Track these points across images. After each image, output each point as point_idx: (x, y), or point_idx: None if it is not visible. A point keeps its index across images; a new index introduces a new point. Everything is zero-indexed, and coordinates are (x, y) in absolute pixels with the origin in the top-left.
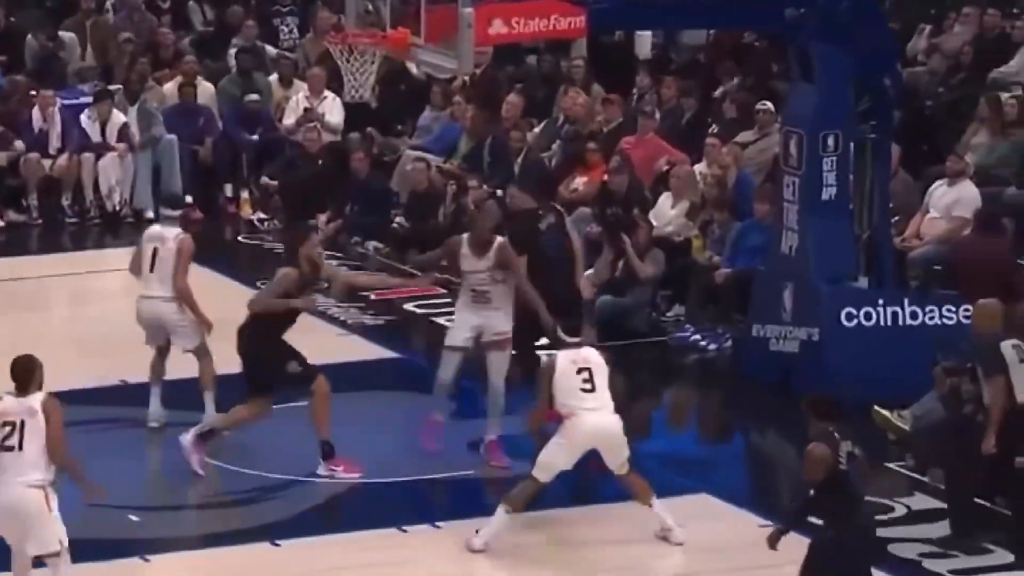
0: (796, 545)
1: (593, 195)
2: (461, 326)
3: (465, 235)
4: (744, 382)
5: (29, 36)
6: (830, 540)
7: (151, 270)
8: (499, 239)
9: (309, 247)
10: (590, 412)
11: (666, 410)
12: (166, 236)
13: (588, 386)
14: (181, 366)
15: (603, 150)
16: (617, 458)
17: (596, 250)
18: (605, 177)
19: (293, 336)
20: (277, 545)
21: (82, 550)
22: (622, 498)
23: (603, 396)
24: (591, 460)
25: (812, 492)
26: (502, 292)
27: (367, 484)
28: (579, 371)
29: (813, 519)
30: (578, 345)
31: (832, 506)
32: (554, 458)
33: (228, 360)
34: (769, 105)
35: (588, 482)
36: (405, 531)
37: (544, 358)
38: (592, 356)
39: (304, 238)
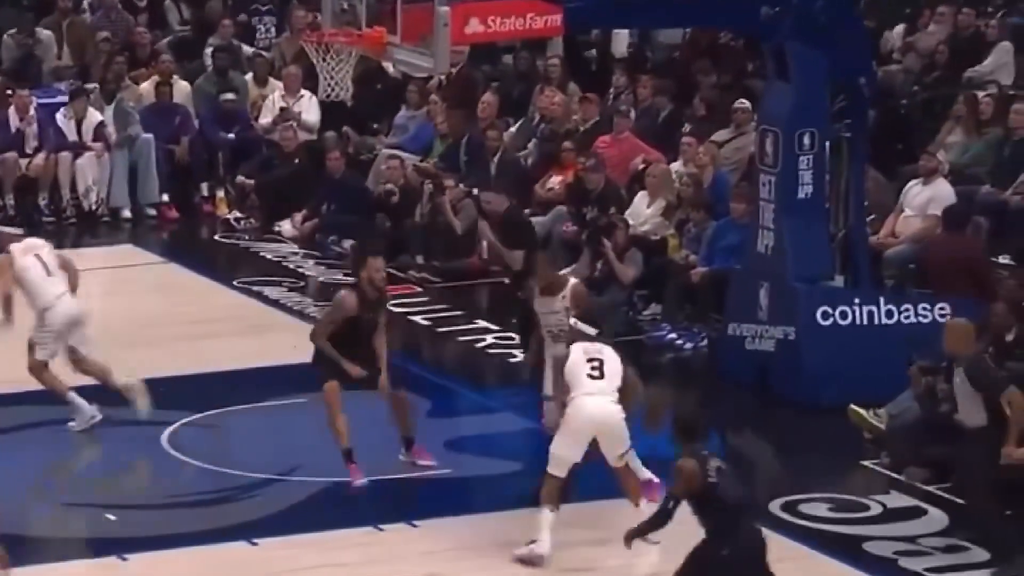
0: (771, 545)
1: (569, 193)
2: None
3: (531, 280)
4: (720, 381)
5: (5, 35)
6: (719, 557)
7: (49, 274)
8: (573, 281)
9: (370, 270)
10: (589, 397)
11: (642, 409)
12: (36, 244)
13: (596, 373)
14: (153, 362)
15: (579, 149)
16: (616, 448)
17: (572, 248)
18: (576, 174)
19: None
20: (255, 544)
21: (59, 549)
22: (598, 497)
23: (608, 385)
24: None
25: (671, 503)
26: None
27: (344, 483)
28: (589, 360)
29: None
30: (594, 338)
31: (711, 522)
32: (562, 450)
33: (211, 359)
34: (747, 104)
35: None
36: (382, 530)
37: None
38: (607, 350)
39: (363, 261)
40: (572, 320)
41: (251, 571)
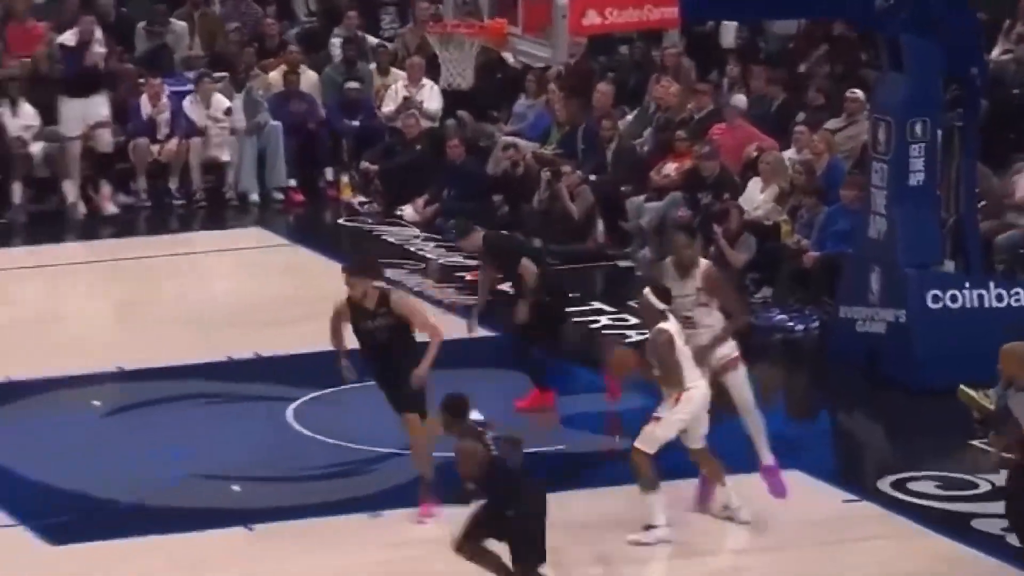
0: (880, 521)
1: (685, 180)
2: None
3: (668, 259)
4: (831, 363)
5: (139, 26)
6: (503, 517)
7: None
8: (705, 262)
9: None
10: (698, 387)
11: (755, 389)
12: None
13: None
14: (279, 340)
15: (693, 138)
16: (704, 430)
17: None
18: (694, 161)
19: None
20: (378, 515)
21: (186, 520)
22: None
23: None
24: None
25: (474, 486)
26: (705, 313)
27: None
28: (685, 343)
29: None
30: (665, 313)
31: (496, 491)
32: (668, 432)
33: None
34: (859, 93)
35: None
36: None
37: (657, 331)
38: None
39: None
40: (645, 290)
41: (371, 542)
